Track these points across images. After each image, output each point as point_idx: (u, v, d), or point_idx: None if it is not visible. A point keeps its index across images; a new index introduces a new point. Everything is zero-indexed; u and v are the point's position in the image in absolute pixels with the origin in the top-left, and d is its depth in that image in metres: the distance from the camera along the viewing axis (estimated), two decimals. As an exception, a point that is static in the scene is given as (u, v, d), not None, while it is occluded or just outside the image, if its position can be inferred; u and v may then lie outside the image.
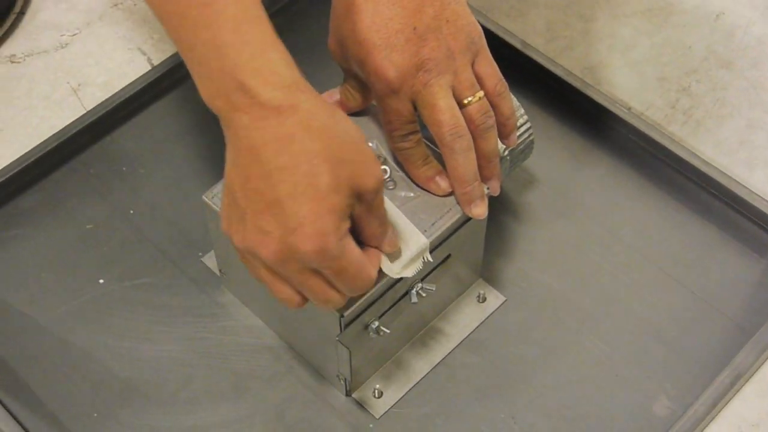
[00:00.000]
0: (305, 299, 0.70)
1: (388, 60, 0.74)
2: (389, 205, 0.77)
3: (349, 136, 0.67)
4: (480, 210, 0.78)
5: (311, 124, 0.65)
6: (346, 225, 0.67)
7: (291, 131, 0.65)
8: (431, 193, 0.79)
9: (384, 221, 0.71)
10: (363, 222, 0.69)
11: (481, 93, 0.77)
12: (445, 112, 0.75)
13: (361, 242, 0.71)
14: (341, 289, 0.69)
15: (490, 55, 0.78)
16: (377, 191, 0.68)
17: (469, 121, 0.76)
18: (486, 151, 0.78)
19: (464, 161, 0.76)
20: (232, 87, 0.65)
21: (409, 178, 0.79)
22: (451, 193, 0.78)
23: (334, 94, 0.81)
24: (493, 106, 0.78)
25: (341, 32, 0.76)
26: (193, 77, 0.68)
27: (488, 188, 0.79)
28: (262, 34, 0.66)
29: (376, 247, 0.73)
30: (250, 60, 0.65)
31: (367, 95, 0.80)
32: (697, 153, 0.94)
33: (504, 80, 0.79)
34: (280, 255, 0.66)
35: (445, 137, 0.75)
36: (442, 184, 0.78)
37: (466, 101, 0.76)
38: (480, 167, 0.78)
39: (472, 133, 0.77)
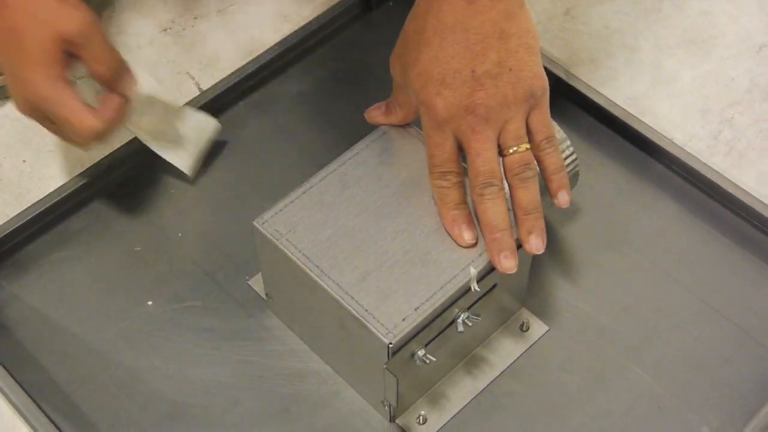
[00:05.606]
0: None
1: (440, 96, 0.76)
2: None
3: None
4: (509, 264, 0.77)
5: (8, 3, 0.81)
6: (55, 71, 0.81)
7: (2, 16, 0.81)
8: (454, 240, 0.79)
9: (105, 62, 0.83)
10: (88, 64, 0.83)
11: (526, 145, 0.78)
12: (481, 159, 0.77)
13: None
14: (68, 138, 0.86)
15: (547, 111, 0.79)
16: (80, 33, 0.81)
17: (507, 170, 0.78)
18: (523, 203, 0.78)
19: (492, 207, 0.77)
20: None
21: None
22: (473, 245, 0.79)
23: (381, 106, 0.86)
24: (538, 160, 0.79)
25: (406, 57, 0.80)
26: None
27: (528, 245, 0.78)
28: None
29: (112, 90, 0.85)
30: None
31: (409, 114, 0.84)
32: (740, 184, 0.94)
33: (555, 137, 0.79)
34: (25, 107, 0.84)
35: (476, 183, 0.77)
36: (466, 234, 0.78)
37: (509, 151, 0.77)
38: (518, 220, 0.78)
39: (509, 182, 0.78)
